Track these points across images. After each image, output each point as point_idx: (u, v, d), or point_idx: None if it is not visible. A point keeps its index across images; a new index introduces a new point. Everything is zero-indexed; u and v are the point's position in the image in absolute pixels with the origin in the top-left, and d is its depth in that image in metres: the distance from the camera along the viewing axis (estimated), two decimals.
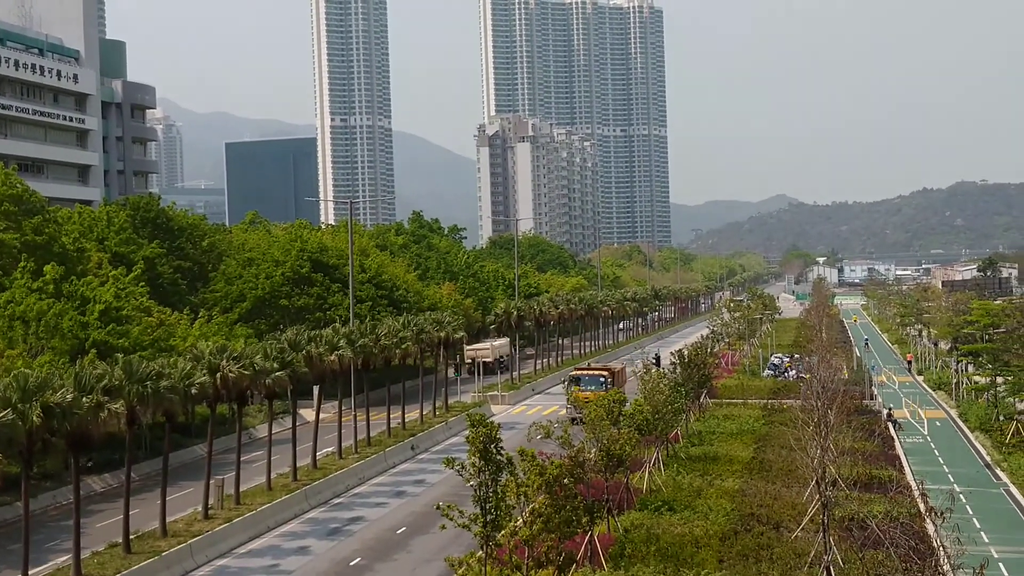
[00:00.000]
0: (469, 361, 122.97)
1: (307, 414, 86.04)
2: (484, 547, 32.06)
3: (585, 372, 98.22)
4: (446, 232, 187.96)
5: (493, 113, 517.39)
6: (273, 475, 66.62)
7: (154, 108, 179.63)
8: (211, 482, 59.56)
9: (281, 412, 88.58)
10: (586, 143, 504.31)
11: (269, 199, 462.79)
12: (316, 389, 78.42)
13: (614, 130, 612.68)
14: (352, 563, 52.19)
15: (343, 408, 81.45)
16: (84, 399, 46.88)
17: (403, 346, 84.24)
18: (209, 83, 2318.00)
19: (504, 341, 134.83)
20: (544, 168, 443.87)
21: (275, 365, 64.19)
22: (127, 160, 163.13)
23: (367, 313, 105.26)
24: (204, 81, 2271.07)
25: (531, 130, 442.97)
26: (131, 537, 51.57)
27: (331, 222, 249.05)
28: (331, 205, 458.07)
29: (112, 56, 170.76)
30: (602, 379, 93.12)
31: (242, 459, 64.39)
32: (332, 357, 73.07)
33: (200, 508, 58.44)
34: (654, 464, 62.89)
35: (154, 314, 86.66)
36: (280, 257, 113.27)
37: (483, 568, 31.88)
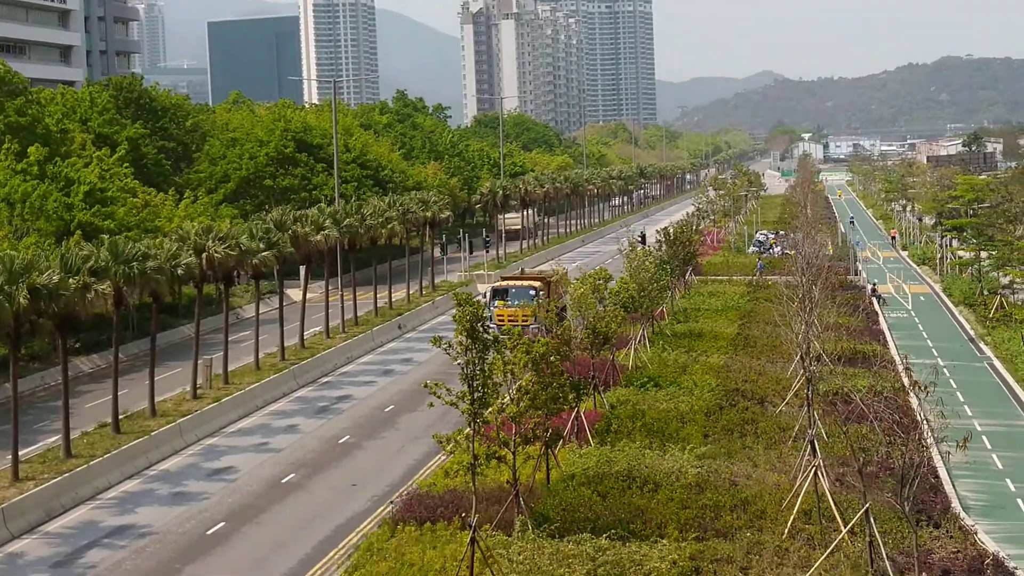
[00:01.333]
0: (502, 230, 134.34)
1: (294, 294, 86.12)
2: (471, 424, 32.28)
3: (512, 283, 77.18)
4: (431, 111, 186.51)
5: None
6: (261, 355, 66.88)
7: None
8: (199, 362, 59.80)
9: (268, 292, 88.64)
10: (571, 20, 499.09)
11: (252, 79, 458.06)
12: (303, 269, 78.42)
13: (599, 6, 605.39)
14: (341, 441, 52.62)
15: (330, 288, 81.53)
16: (71, 280, 46.85)
17: (389, 226, 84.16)
18: None
19: (531, 212, 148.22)
20: (529, 46, 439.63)
21: (261, 245, 64.16)
22: (109, 40, 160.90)
23: (352, 193, 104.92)
24: None
25: (515, 7, 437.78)
26: (120, 417, 51.88)
27: (315, 101, 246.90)
28: (315, 84, 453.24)
29: None
30: (532, 291, 73.32)
31: (230, 339, 64.57)
32: (318, 237, 72.97)
33: (188, 388, 58.74)
34: (640, 341, 63.22)
35: (139, 195, 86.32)
36: (264, 137, 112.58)
37: (470, 445, 32.14)
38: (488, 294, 75.80)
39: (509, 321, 68.95)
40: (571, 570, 31.98)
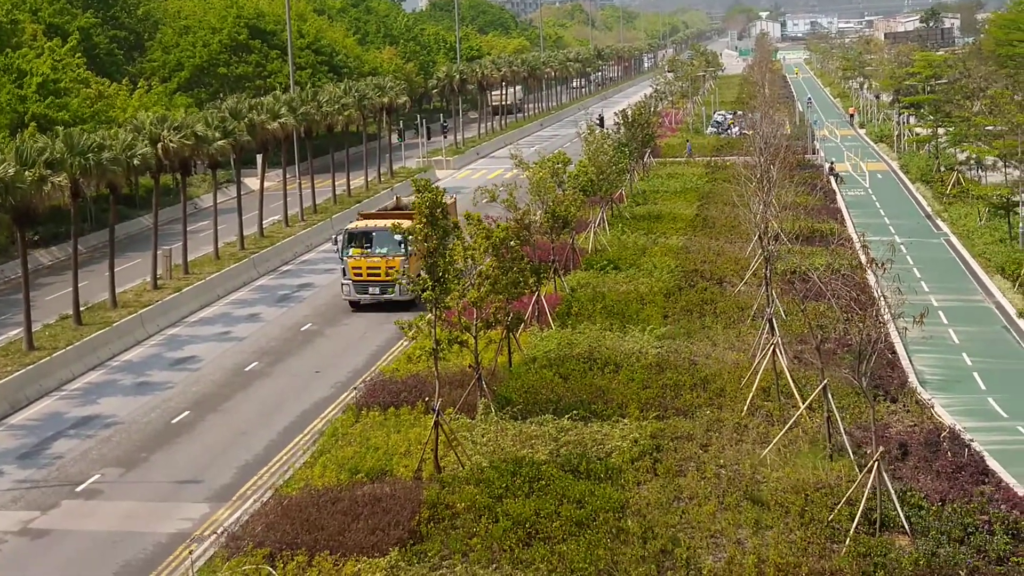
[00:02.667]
0: (492, 105, 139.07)
1: (251, 183, 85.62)
2: (433, 310, 32.44)
3: (374, 223, 55.82)
4: None
5: None
6: (220, 244, 66.71)
7: None
8: (159, 252, 59.64)
9: (225, 181, 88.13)
10: None
11: None
12: (259, 157, 77.93)
13: None
14: (303, 328, 52.77)
15: (287, 176, 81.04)
16: (27, 173, 46.53)
17: (345, 113, 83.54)
18: None
19: (519, 88, 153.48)
20: None
21: (217, 134, 63.67)
22: None
23: (307, 80, 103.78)
24: None
25: None
26: (81, 309, 51.80)
27: None
28: None
29: None
30: (400, 235, 42.83)
31: (188, 229, 64.37)
32: (274, 125, 72.33)
33: (149, 279, 58.62)
34: (599, 224, 63.35)
35: (92, 86, 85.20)
36: (217, 24, 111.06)
37: (433, 330, 32.32)
38: (341, 238, 55.81)
39: (369, 275, 53.50)
40: (534, 451, 32.41)
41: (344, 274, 54.35)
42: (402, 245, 51.20)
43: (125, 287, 58.08)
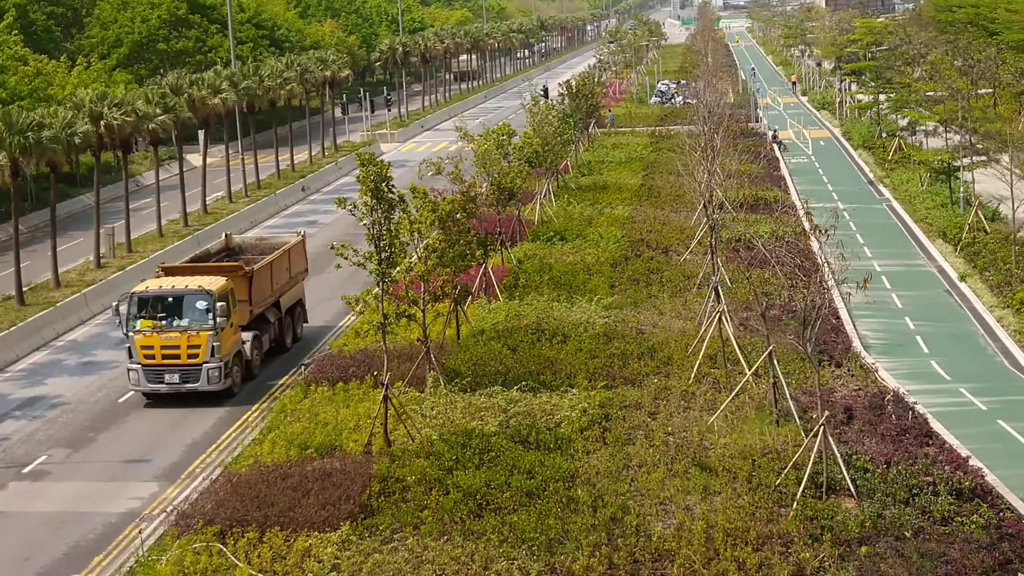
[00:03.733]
0: (455, 72, 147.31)
1: (194, 159, 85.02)
2: (380, 284, 32.38)
3: (172, 283, 40.08)
4: None
5: None
6: (164, 221, 66.24)
7: None
8: (101, 231, 59.11)
9: (167, 158, 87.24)
10: None
11: None
12: (201, 133, 77.38)
13: None
14: None
15: (230, 152, 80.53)
16: None
17: (288, 87, 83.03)
18: None
19: (477, 56, 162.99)
20: None
21: (158, 110, 63.19)
22: None
23: (249, 55, 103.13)
24: None
25: None
26: (24, 289, 51.32)
27: None
28: None
29: None
30: (205, 301, 38.48)
31: (131, 207, 63.81)
32: (216, 100, 71.74)
33: (92, 258, 58.15)
34: (545, 196, 63.42)
35: (30, 63, 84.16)
36: None
37: (380, 304, 32.28)
38: (124, 304, 40.26)
39: (165, 357, 38.51)
40: (484, 422, 32.50)
41: (130, 355, 38.83)
42: (210, 314, 38.21)
43: (68, 267, 57.57)
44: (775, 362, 31.52)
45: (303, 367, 41.05)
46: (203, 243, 64.03)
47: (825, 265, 29.14)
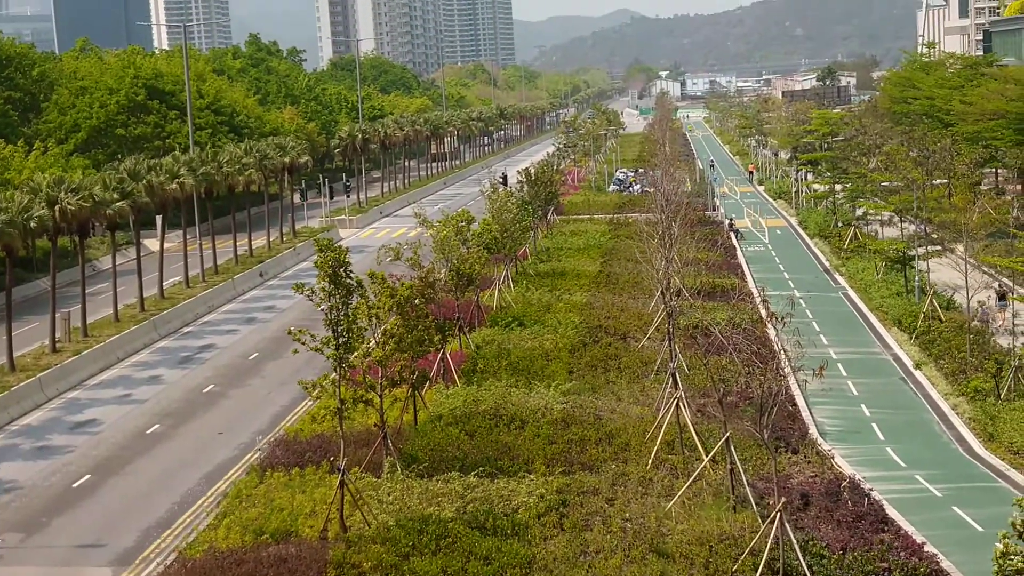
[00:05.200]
0: (433, 152, 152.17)
1: (151, 244, 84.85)
2: (337, 369, 32.30)
3: None
4: (285, 55, 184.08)
5: None
6: (120, 306, 65.85)
7: None
8: (57, 315, 58.73)
9: (124, 243, 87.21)
10: None
11: (99, 25, 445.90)
12: (159, 219, 77.20)
13: None
14: (205, 390, 52.22)
15: (188, 237, 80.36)
16: None
17: (246, 173, 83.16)
18: None
19: (451, 139, 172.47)
20: None
21: (115, 196, 63.08)
22: None
23: (207, 140, 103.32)
24: None
25: None
26: None
27: (165, 47, 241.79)
28: (164, 29, 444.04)
29: None
30: None
31: (87, 291, 63.50)
32: (174, 186, 71.75)
33: (47, 342, 57.68)
34: (503, 281, 63.57)
35: None
36: (114, 85, 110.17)
37: (337, 389, 32.18)
38: None
39: None
40: (441, 508, 32.30)
41: None
42: None
43: (23, 351, 57.08)
44: (732, 448, 31.55)
45: (259, 452, 40.75)
46: (159, 327, 63.88)
47: (782, 352, 29.28)
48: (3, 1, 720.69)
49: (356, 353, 33.01)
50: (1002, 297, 57.14)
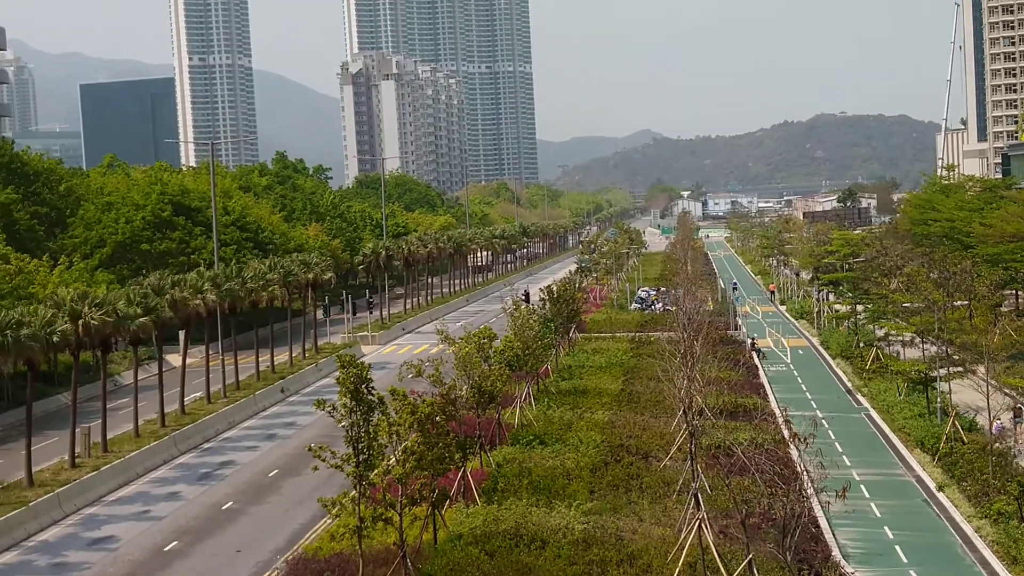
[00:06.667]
0: (471, 265, 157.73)
1: (174, 359, 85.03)
2: (357, 487, 32.13)
3: None
4: (311, 172, 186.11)
5: (356, 51, 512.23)
6: (141, 422, 65.82)
7: (4, 50, 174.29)
8: (77, 430, 58.66)
9: (147, 358, 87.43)
10: (451, 80, 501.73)
11: (127, 142, 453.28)
12: (182, 334, 77.48)
13: (479, 67, 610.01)
14: (224, 507, 51.94)
15: (210, 352, 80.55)
16: None
17: (270, 289, 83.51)
18: (61, 23, 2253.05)
19: (489, 253, 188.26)
20: (410, 106, 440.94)
21: (139, 311, 63.29)
22: None
23: (232, 256, 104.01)
24: (56, 21, 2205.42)
25: (395, 68, 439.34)
26: None
27: (192, 164, 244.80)
28: (191, 147, 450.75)
29: None
30: None
31: (108, 406, 63.48)
32: (197, 301, 72.10)
33: (67, 457, 57.57)
34: (525, 399, 63.41)
35: (12, 261, 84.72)
36: (140, 201, 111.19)
37: (357, 507, 31.97)
38: None
39: None
40: None
41: None
42: None
43: (42, 465, 57.00)
44: (755, 571, 31.15)
45: (276, 571, 40.38)
46: (179, 443, 63.76)
47: (804, 473, 29.06)
48: (32, 117, 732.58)
49: (376, 470, 32.87)
50: (1017, 414, 56.79)
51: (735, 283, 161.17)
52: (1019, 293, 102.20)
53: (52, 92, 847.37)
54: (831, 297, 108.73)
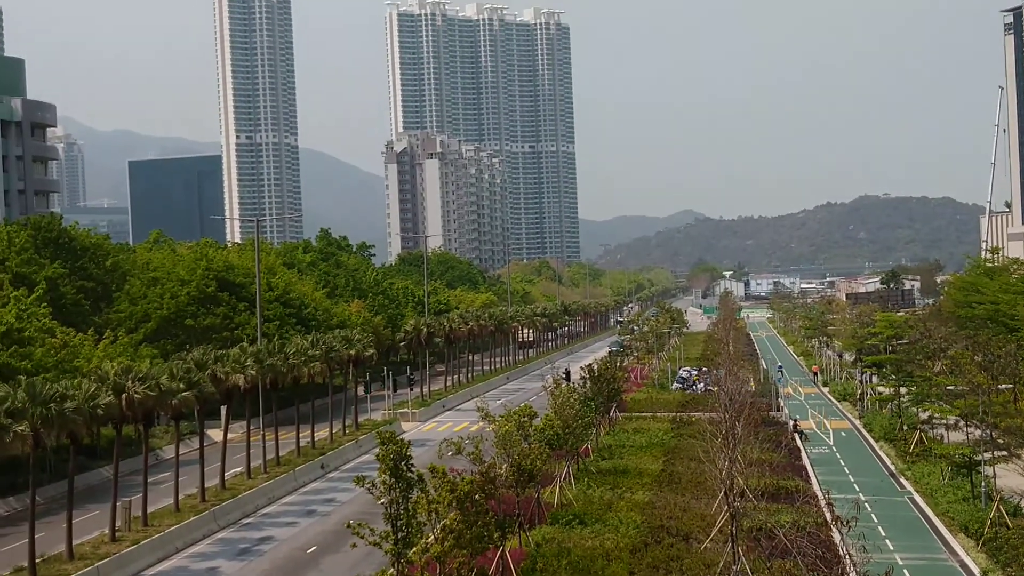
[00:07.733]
0: (519, 340, 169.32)
1: (215, 434, 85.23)
2: (395, 564, 32.02)
3: None
4: (355, 249, 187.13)
5: (401, 130, 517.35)
6: (181, 496, 65.92)
7: (55, 126, 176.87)
8: (118, 504, 58.81)
9: (188, 433, 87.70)
10: (495, 159, 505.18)
11: (174, 218, 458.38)
12: (224, 409, 77.74)
13: (522, 146, 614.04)
14: None
15: (251, 428, 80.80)
16: None
17: (311, 364, 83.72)
18: (112, 101, 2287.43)
19: (532, 331, 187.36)
20: (453, 184, 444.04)
21: (181, 385, 63.60)
22: (28, 180, 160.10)
23: (275, 332, 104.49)
24: (106, 99, 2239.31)
25: (439, 147, 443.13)
26: (37, 561, 50.79)
27: (237, 240, 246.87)
28: (237, 223, 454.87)
29: (11, 73, 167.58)
30: None
31: (149, 480, 63.64)
32: (239, 376, 72.44)
33: (107, 531, 57.69)
34: (565, 478, 63.14)
35: (57, 335, 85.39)
36: (185, 276, 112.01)
37: None
38: None
39: None
40: None
41: None
42: None
43: (83, 539, 57.12)
44: None
45: None
46: (219, 518, 63.75)
47: (847, 557, 28.75)
48: (81, 193, 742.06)
49: (415, 548, 32.76)
50: None
51: (780, 366, 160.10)
52: None
53: (101, 169, 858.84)
54: (874, 379, 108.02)
